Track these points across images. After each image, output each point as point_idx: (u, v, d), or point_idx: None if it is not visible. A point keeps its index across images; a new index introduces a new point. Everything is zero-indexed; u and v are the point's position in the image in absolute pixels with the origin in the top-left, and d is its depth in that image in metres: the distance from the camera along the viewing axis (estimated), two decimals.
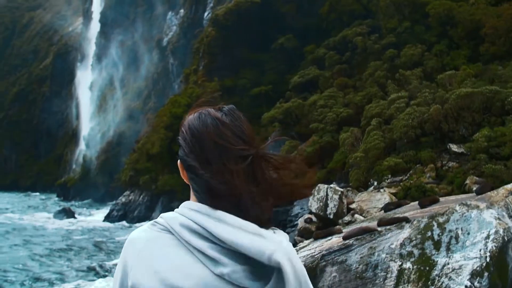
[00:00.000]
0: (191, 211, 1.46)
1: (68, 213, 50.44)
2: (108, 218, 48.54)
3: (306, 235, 16.46)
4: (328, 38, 39.42)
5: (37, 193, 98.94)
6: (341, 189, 17.48)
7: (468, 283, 7.52)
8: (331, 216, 16.32)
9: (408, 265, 8.44)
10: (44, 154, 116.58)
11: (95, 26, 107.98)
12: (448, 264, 7.95)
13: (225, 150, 1.47)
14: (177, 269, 1.38)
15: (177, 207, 1.51)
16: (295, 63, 42.29)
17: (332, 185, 18.05)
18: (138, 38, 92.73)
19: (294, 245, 16.91)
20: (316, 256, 10.21)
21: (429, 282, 7.88)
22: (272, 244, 1.38)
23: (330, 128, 28.50)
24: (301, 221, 17.80)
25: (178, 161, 1.59)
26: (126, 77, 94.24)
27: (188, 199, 1.57)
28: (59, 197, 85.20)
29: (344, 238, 10.00)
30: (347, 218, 15.87)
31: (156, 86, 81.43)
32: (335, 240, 10.63)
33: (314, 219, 17.15)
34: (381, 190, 17.62)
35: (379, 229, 9.74)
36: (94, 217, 51.91)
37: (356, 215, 15.75)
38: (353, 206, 16.69)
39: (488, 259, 7.71)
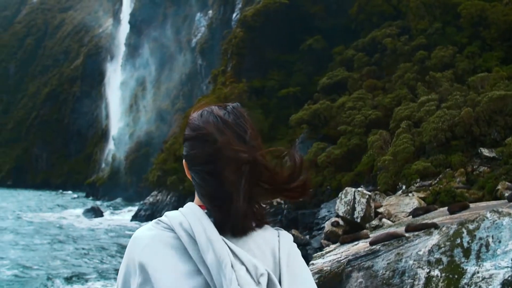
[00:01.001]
0: (190, 212, 1.47)
1: (96, 212, 51.03)
2: (135, 217, 48.94)
3: (333, 239, 16.32)
4: (357, 39, 39.09)
5: (69, 192, 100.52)
6: (369, 193, 17.27)
7: None
8: (358, 220, 16.13)
9: (436, 272, 8.25)
10: (74, 153, 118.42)
11: (124, 27, 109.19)
12: (478, 273, 7.73)
13: (224, 150, 1.44)
14: (174, 269, 1.39)
15: None
16: (323, 64, 42.02)
17: (359, 189, 17.85)
18: (167, 39, 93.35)
19: (321, 248, 16.78)
20: (342, 261, 10.09)
21: None
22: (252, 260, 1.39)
23: (358, 130, 28.21)
24: (328, 224, 17.65)
25: (183, 160, 1.60)
26: (155, 77, 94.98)
27: None
28: (88, 196, 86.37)
29: (371, 244, 9.86)
30: (374, 222, 15.66)
31: (185, 87, 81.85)
32: (361, 245, 10.48)
33: (341, 222, 16.98)
34: (410, 194, 17.34)
35: (406, 235, 9.57)
36: (122, 217, 52.41)
37: (383, 220, 15.53)
38: (380, 210, 16.46)
39: None
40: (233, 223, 1.45)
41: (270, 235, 1.54)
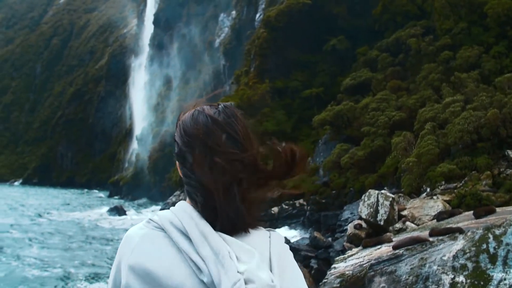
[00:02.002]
0: (181, 211, 1.47)
1: (120, 211, 51.38)
2: None
3: (355, 241, 16.17)
4: (380, 39, 38.78)
5: (93, 190, 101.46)
6: (392, 195, 17.07)
7: None
8: (382, 223, 15.95)
9: (461, 278, 8.09)
10: (98, 152, 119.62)
11: (149, 28, 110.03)
12: (505, 280, 7.56)
13: (213, 151, 1.44)
14: (165, 268, 1.38)
15: None
16: (347, 65, 41.81)
17: (383, 191, 17.65)
18: (191, 39, 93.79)
19: (343, 251, 16.63)
20: (364, 265, 9.98)
21: None
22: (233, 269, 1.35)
23: (382, 131, 27.96)
24: (351, 227, 17.49)
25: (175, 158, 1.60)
26: (179, 78, 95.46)
27: None
28: (112, 194, 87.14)
29: (394, 248, 9.74)
30: (398, 225, 15.46)
31: (208, 87, 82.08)
32: (384, 249, 10.36)
33: (364, 225, 16.81)
34: (434, 197, 17.10)
35: (430, 239, 9.43)
36: (145, 216, 52.24)
37: (407, 223, 15.32)
38: (404, 213, 16.25)
39: None
40: (221, 224, 1.43)
41: (261, 236, 1.52)
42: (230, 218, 1.43)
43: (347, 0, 46.89)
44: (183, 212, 1.46)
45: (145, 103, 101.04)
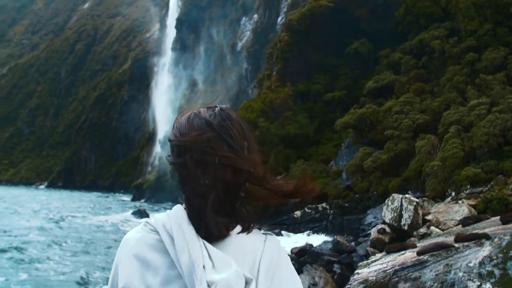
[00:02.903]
0: (173, 214, 1.46)
1: (143, 215, 51.63)
2: None
3: (379, 246, 15.98)
4: (404, 42, 38.48)
5: (116, 194, 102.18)
6: (417, 199, 16.82)
7: None
8: (406, 228, 15.72)
9: (487, 286, 7.90)
10: (121, 156, 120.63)
11: (171, 32, 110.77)
12: None
13: (206, 155, 1.42)
14: (156, 272, 1.39)
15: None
16: (369, 68, 41.59)
17: (407, 195, 17.43)
18: (213, 43, 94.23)
19: (366, 256, 16.46)
20: (388, 271, 9.82)
21: None
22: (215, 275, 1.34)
23: (405, 135, 27.70)
24: (374, 231, 17.28)
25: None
26: (202, 81, 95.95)
27: None
28: (135, 198, 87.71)
29: (419, 254, 9.57)
30: (422, 230, 15.23)
31: (230, 91, 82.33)
32: (408, 255, 10.19)
33: (387, 229, 16.60)
34: (460, 201, 16.83)
35: (456, 245, 9.24)
36: None
37: (432, 227, 15.09)
38: (429, 217, 16.01)
39: None
40: (204, 229, 1.42)
41: (255, 240, 1.50)
42: (211, 223, 1.41)
43: (369, 3, 46.60)
44: (175, 216, 1.45)
45: (168, 106, 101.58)
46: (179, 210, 1.48)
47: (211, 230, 1.42)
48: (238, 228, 1.47)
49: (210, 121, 1.47)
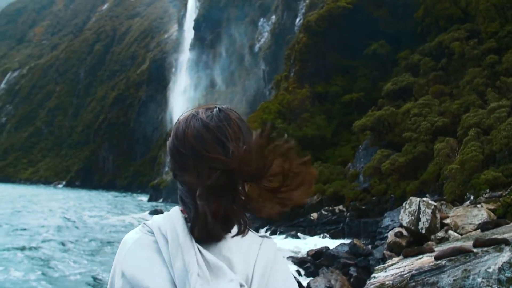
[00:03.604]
0: (170, 218, 1.46)
1: (159, 214, 51.89)
2: None
3: (396, 250, 15.85)
4: (423, 43, 38.15)
5: (137, 194, 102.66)
6: (434, 203, 16.63)
7: None
8: (423, 231, 15.57)
9: None
10: (139, 156, 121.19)
11: (189, 33, 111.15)
12: None
13: (200, 157, 1.41)
14: (150, 275, 1.39)
15: None
16: (388, 69, 41.33)
17: (425, 198, 17.26)
18: (231, 44, 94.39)
19: (383, 259, 16.31)
20: (405, 275, 9.71)
21: None
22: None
23: (424, 137, 27.45)
24: (391, 235, 17.14)
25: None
26: (219, 82, 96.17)
27: None
28: (152, 198, 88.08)
29: (436, 258, 9.45)
30: (440, 234, 15.06)
31: (247, 92, 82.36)
32: (426, 260, 10.08)
33: (404, 233, 16.46)
34: (478, 205, 16.61)
35: (474, 250, 9.12)
36: None
37: (450, 231, 14.92)
38: (447, 221, 15.83)
39: None
40: (198, 231, 1.41)
41: (251, 243, 1.48)
42: (206, 225, 1.40)
43: (388, 4, 46.32)
44: (171, 218, 1.46)
45: (186, 107, 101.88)
46: (176, 212, 1.48)
47: (205, 233, 1.41)
48: (234, 230, 1.46)
49: (207, 123, 1.46)
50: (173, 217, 1.46)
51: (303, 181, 1.48)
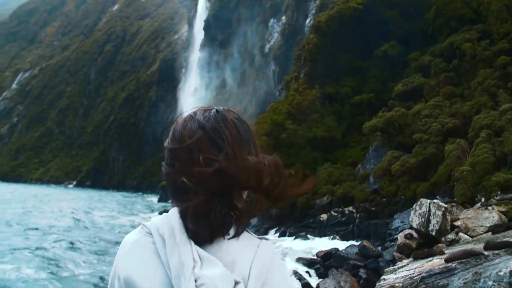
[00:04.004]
0: (168, 218, 1.48)
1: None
2: None
3: (406, 251, 15.74)
4: (434, 44, 37.95)
5: (147, 194, 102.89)
6: (445, 205, 16.51)
7: None
8: (433, 233, 15.45)
9: None
10: (149, 156, 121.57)
11: (199, 34, 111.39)
12: None
13: (196, 158, 1.42)
14: (145, 276, 1.40)
15: (275, 214, 1.47)
16: (398, 70, 41.17)
17: (435, 200, 17.13)
18: (241, 45, 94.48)
19: (393, 261, 16.23)
20: (415, 278, 9.66)
21: None
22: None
23: (434, 139, 27.28)
24: (401, 236, 17.02)
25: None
26: (229, 83, 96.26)
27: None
28: (162, 199, 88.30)
29: (447, 261, 9.39)
30: (450, 236, 14.94)
31: (257, 92, 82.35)
32: (436, 262, 10.02)
33: (415, 235, 16.34)
34: (489, 207, 16.47)
35: (485, 253, 9.05)
36: None
37: (460, 234, 14.80)
38: (457, 223, 15.71)
39: None
40: (194, 231, 1.42)
41: (248, 245, 1.47)
42: (199, 226, 1.42)
43: (399, 4, 46.15)
44: (168, 219, 1.47)
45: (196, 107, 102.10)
46: (174, 213, 1.49)
47: (200, 234, 1.42)
48: (232, 232, 1.46)
49: (203, 124, 1.48)
50: (171, 218, 1.46)
51: (292, 182, 1.52)
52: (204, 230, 1.42)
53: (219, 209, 1.42)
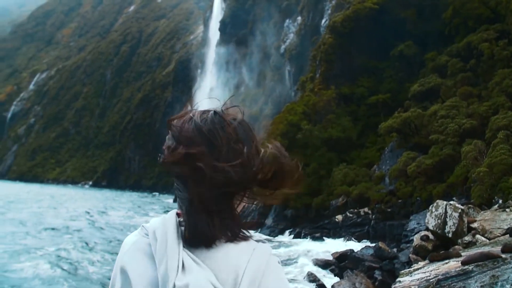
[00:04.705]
0: (165, 221, 1.48)
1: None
2: None
3: (422, 253, 15.61)
4: (451, 44, 37.62)
5: (163, 194, 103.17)
6: (462, 206, 16.35)
7: None
8: (450, 235, 15.30)
9: None
10: None
11: (215, 34, 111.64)
12: None
13: (193, 161, 1.42)
14: (140, 277, 1.40)
15: (290, 215, 1.42)
16: (415, 71, 40.84)
17: (452, 202, 16.97)
18: (256, 45, 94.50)
19: (408, 263, 16.08)
20: (431, 280, 9.55)
21: None
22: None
23: (451, 140, 27.03)
24: (417, 238, 16.87)
25: None
26: (244, 83, 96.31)
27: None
28: (176, 199, 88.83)
29: (463, 263, 9.27)
30: (467, 238, 14.78)
31: (273, 93, 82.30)
32: (452, 265, 9.90)
33: (431, 236, 16.19)
34: (507, 209, 16.28)
35: (503, 256, 8.91)
36: None
37: (477, 236, 14.63)
38: (474, 225, 15.53)
39: None
40: (187, 236, 1.43)
41: (244, 248, 1.46)
42: (195, 231, 1.43)
43: (416, 4, 45.81)
44: (165, 223, 1.47)
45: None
46: (169, 215, 1.50)
47: (196, 237, 1.42)
48: (227, 235, 1.46)
49: (200, 126, 1.49)
50: (167, 221, 1.47)
51: (292, 176, 1.53)
52: (200, 233, 1.42)
53: (216, 211, 1.44)
